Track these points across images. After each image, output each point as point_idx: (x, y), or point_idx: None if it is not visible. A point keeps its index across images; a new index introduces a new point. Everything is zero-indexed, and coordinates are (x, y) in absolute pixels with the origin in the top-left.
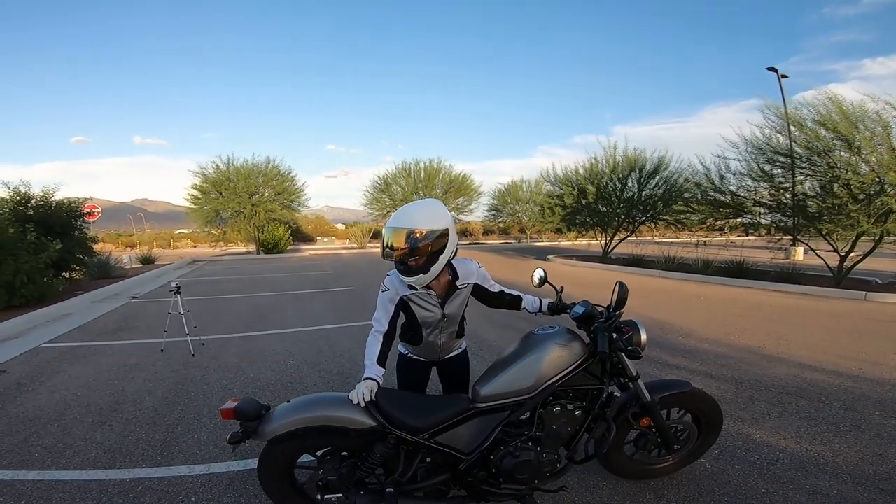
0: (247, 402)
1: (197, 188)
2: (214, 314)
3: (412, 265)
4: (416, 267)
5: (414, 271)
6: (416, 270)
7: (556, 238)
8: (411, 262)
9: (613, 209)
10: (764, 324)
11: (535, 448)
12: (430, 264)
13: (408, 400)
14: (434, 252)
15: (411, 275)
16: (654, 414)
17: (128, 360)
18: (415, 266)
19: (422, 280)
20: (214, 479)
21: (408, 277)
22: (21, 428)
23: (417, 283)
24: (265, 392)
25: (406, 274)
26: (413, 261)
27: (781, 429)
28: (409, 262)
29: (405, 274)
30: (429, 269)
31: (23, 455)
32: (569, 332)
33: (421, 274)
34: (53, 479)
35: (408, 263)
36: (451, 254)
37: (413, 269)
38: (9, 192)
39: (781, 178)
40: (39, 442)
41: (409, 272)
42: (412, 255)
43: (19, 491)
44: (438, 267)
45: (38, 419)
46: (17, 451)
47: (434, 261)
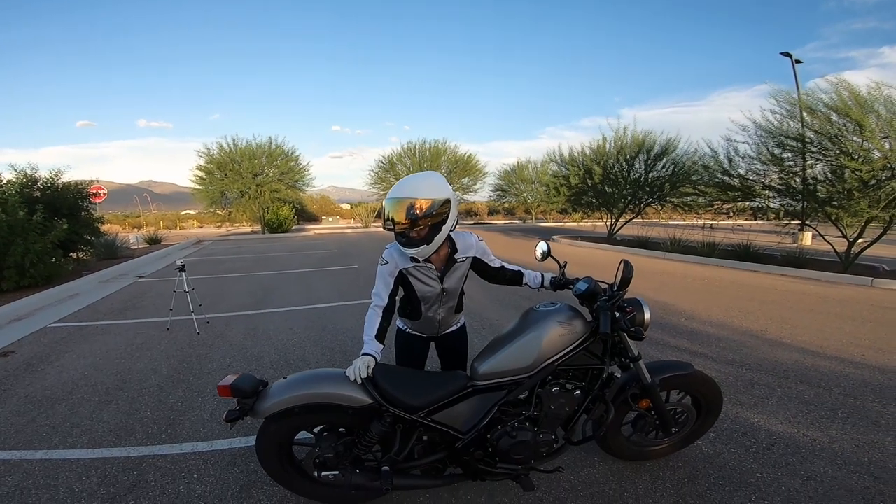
0: (244, 378)
1: (202, 169)
2: (219, 293)
3: (414, 237)
4: (418, 238)
5: (416, 243)
6: (419, 242)
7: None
8: (413, 233)
9: (619, 190)
10: (768, 308)
11: (532, 428)
12: (433, 235)
13: (405, 377)
14: (436, 223)
15: (414, 246)
16: (654, 396)
17: (134, 340)
18: (417, 238)
19: (425, 251)
20: (217, 456)
21: (410, 249)
22: (30, 408)
23: (420, 254)
24: (268, 370)
25: (408, 246)
26: (416, 232)
27: (779, 413)
28: (411, 234)
29: (407, 246)
30: (432, 240)
31: (31, 435)
32: (570, 310)
33: (424, 245)
34: (60, 458)
35: (410, 235)
36: (452, 225)
37: (416, 240)
38: (16, 175)
39: (791, 161)
40: (47, 422)
41: (411, 244)
42: (414, 225)
43: (27, 471)
44: (441, 237)
45: (46, 399)
46: (26, 431)
47: (437, 231)
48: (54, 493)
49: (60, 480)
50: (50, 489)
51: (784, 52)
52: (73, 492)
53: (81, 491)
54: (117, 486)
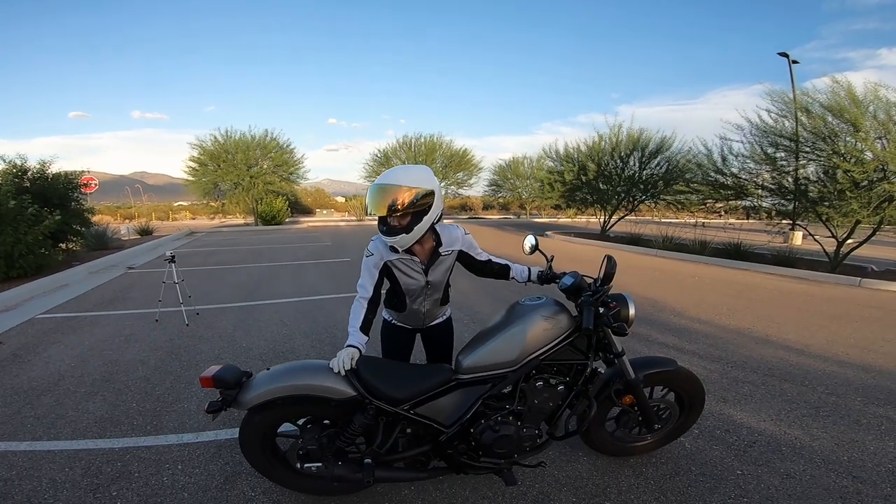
0: (227, 369)
1: (195, 160)
2: (211, 284)
3: (395, 225)
4: (398, 227)
5: (396, 231)
6: (399, 230)
7: (556, 214)
8: (394, 221)
9: (613, 187)
10: (756, 306)
11: (515, 423)
12: (414, 224)
13: (389, 369)
14: (417, 212)
15: (393, 235)
16: (638, 392)
17: (123, 331)
18: (398, 226)
19: (404, 241)
20: (202, 448)
21: (390, 238)
22: (15, 399)
23: (399, 243)
24: (256, 361)
25: (388, 234)
26: (396, 220)
27: (762, 411)
28: (391, 222)
29: (387, 234)
30: (412, 229)
31: (16, 426)
32: (556, 304)
33: (403, 234)
34: (44, 450)
35: (390, 223)
36: (435, 217)
37: (396, 229)
38: (5, 165)
39: (784, 161)
40: (32, 413)
41: (391, 232)
42: (393, 213)
43: (11, 462)
44: (422, 228)
45: (32, 390)
46: (11, 423)
47: (417, 221)
48: (37, 483)
49: (44, 471)
50: (33, 480)
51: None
52: (56, 482)
53: (64, 482)
54: (101, 476)
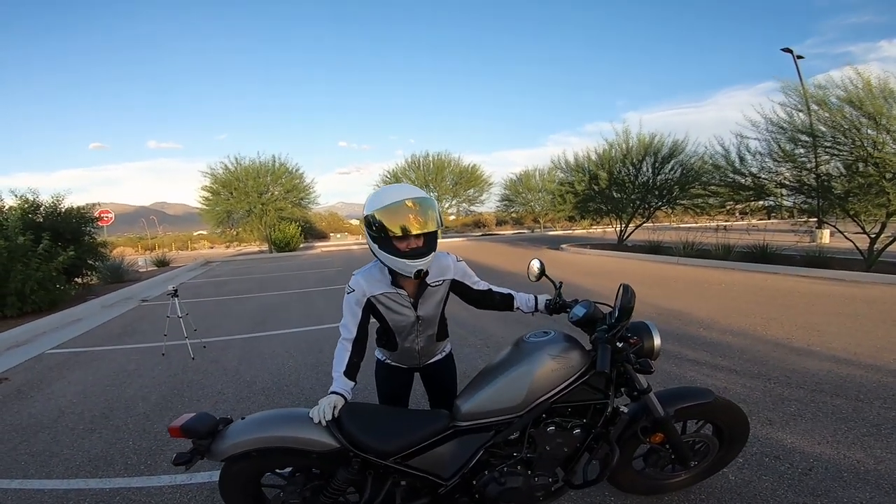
0: (198, 418)
1: (207, 189)
2: (220, 315)
3: (420, 245)
4: (423, 247)
5: (424, 251)
6: (428, 250)
7: (570, 226)
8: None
9: (627, 195)
10: (792, 313)
11: (525, 472)
12: (436, 242)
13: (377, 417)
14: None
15: (426, 255)
16: (668, 430)
17: (127, 366)
18: (423, 247)
19: (430, 259)
20: (194, 490)
21: (420, 260)
22: (13, 436)
23: (427, 263)
24: (259, 396)
25: (419, 256)
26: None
27: (815, 432)
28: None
29: (419, 256)
30: (435, 247)
31: (9, 464)
32: (566, 340)
33: (432, 252)
34: (34, 489)
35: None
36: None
37: (422, 249)
38: (17, 201)
39: (804, 157)
40: (28, 450)
41: (423, 253)
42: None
43: (0, 500)
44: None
45: (30, 427)
46: (5, 460)
47: (437, 238)
48: None
49: None
50: None
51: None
52: None
53: None
54: None
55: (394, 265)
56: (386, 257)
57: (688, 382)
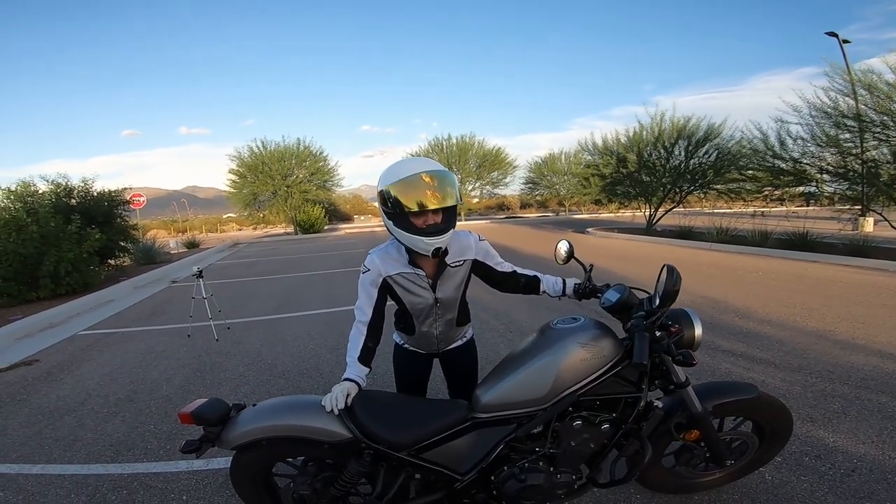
0: (210, 404)
1: (234, 172)
2: (245, 296)
3: (440, 221)
4: (442, 224)
5: (444, 228)
6: (447, 226)
7: (596, 210)
8: (437, 217)
9: (658, 178)
10: (835, 303)
11: (547, 468)
12: (454, 219)
13: (391, 407)
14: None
15: (444, 233)
16: (705, 427)
17: (155, 347)
18: (442, 222)
19: (449, 236)
20: (210, 476)
21: (439, 237)
22: (39, 419)
23: (445, 241)
24: (279, 380)
25: (437, 233)
26: (441, 215)
27: (860, 431)
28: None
29: (436, 234)
30: (454, 224)
31: (33, 448)
32: (597, 327)
33: (451, 228)
34: (55, 474)
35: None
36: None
37: (441, 225)
38: (49, 186)
39: (850, 143)
40: (52, 434)
41: (441, 230)
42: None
43: (21, 486)
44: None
45: (57, 410)
46: (29, 444)
47: (455, 216)
48: None
49: (50, 497)
50: None
51: (829, 31)
52: None
53: None
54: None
55: (410, 243)
56: (401, 234)
57: (723, 375)
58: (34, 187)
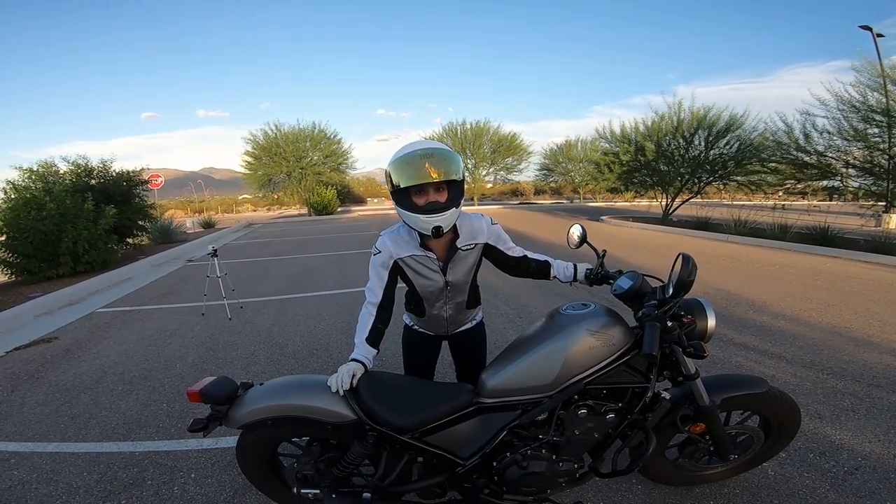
0: (218, 382)
1: (249, 154)
2: (260, 276)
3: (441, 200)
4: (444, 202)
5: (445, 206)
6: (449, 204)
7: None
8: (439, 195)
9: (676, 168)
10: (852, 300)
11: (549, 456)
12: (459, 198)
13: (397, 389)
14: (461, 184)
15: (445, 210)
16: (712, 421)
17: (170, 325)
18: (444, 201)
19: (452, 216)
20: (219, 455)
21: (437, 215)
22: (56, 397)
23: (447, 221)
24: (289, 359)
25: (436, 211)
26: (443, 193)
27: (867, 429)
28: (436, 196)
29: (438, 211)
30: (458, 202)
31: (49, 426)
32: (607, 314)
33: (453, 207)
34: (69, 452)
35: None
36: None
37: (442, 204)
38: (69, 167)
39: (878, 138)
40: (69, 412)
41: (442, 207)
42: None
43: (34, 464)
44: (459, 211)
45: (73, 388)
46: (45, 422)
47: (461, 196)
48: (53, 488)
49: (62, 475)
50: (50, 484)
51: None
52: (71, 488)
53: (79, 487)
54: (115, 483)
55: (410, 221)
56: (404, 213)
57: (733, 368)
58: (55, 167)
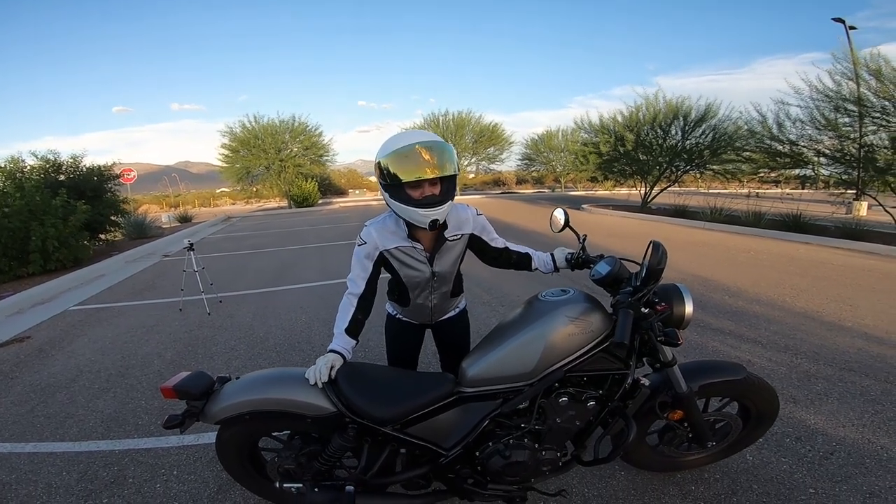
0: (192, 378)
1: (226, 147)
2: (239, 269)
3: (437, 193)
4: (440, 195)
5: (442, 199)
6: (446, 197)
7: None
8: (434, 188)
9: (654, 157)
10: (824, 285)
11: (532, 445)
12: (453, 191)
13: (377, 380)
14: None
15: (442, 203)
16: (689, 408)
17: (146, 321)
18: (439, 194)
19: (448, 208)
20: (201, 451)
21: (437, 208)
22: (31, 397)
23: (443, 214)
24: (271, 353)
25: (437, 204)
26: (438, 186)
27: (840, 414)
28: (433, 189)
29: (433, 205)
30: (452, 196)
31: (25, 426)
32: (586, 301)
33: (448, 200)
34: (47, 452)
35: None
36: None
37: (439, 197)
38: (39, 162)
39: (849, 127)
40: (44, 412)
41: (437, 201)
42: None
43: (13, 464)
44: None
45: (49, 387)
46: (22, 423)
47: (455, 189)
48: (33, 488)
49: (42, 475)
50: (30, 484)
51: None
52: (52, 488)
53: (59, 487)
54: (95, 482)
55: (406, 215)
56: (398, 207)
57: (710, 353)
58: (23, 163)
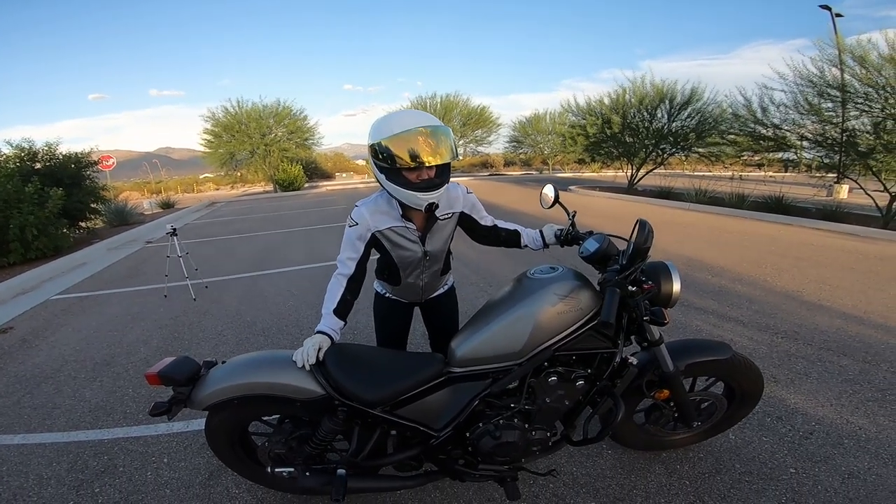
0: (178, 363)
1: (209, 132)
2: (224, 254)
3: (433, 177)
4: (437, 179)
5: (439, 183)
6: (443, 181)
7: (579, 169)
8: (433, 172)
9: (640, 140)
10: (804, 265)
11: (522, 425)
12: (448, 174)
13: (365, 362)
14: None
15: (438, 187)
16: (675, 387)
17: (131, 309)
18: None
19: (439, 195)
20: (191, 438)
21: (435, 192)
22: (17, 388)
23: (439, 196)
24: (259, 338)
25: (436, 188)
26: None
27: (820, 393)
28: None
29: (431, 189)
30: (448, 180)
31: (13, 418)
32: (575, 278)
33: (446, 183)
34: (36, 443)
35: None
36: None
37: (436, 181)
38: (13, 151)
39: (831, 112)
40: (31, 402)
41: (435, 185)
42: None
43: (3, 457)
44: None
45: (34, 378)
46: (8, 414)
47: (450, 172)
48: (24, 480)
49: (32, 466)
50: (21, 476)
51: (823, 4)
52: (42, 478)
53: (50, 477)
54: (86, 472)
55: (403, 197)
56: (394, 189)
57: (694, 331)
58: None
